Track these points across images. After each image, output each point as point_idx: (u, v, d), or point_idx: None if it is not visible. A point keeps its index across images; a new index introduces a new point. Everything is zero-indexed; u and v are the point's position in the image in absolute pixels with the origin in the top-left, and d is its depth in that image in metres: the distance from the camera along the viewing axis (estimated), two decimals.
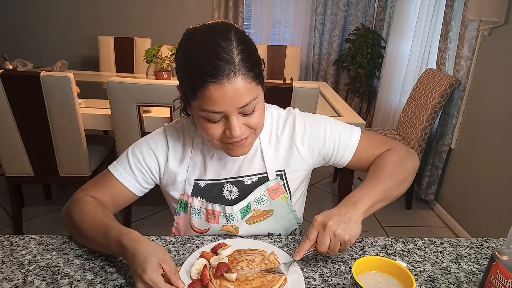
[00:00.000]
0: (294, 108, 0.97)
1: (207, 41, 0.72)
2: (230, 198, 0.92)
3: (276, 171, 0.91)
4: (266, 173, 0.91)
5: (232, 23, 0.77)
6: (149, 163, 0.91)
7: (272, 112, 0.95)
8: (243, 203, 0.90)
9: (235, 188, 0.92)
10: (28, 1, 3.55)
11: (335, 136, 0.91)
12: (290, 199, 0.94)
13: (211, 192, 0.91)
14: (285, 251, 0.82)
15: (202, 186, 0.91)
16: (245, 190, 0.91)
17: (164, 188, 0.96)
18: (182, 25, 3.80)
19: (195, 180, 0.91)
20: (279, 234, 0.96)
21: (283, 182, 0.92)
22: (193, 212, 0.91)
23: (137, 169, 0.90)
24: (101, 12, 3.64)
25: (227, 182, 0.92)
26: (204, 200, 0.91)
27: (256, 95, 0.75)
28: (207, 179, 0.91)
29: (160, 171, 0.92)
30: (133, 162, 0.90)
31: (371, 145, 0.93)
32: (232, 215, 0.90)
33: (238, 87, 0.71)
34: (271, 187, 0.91)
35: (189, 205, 0.92)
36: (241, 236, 0.91)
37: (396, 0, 3.36)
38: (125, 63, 3.23)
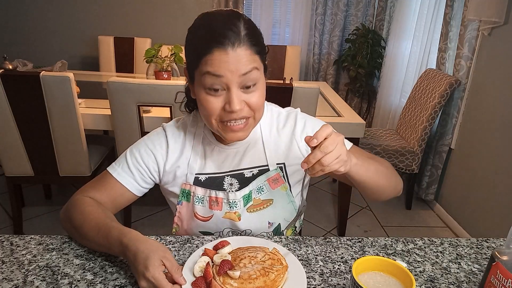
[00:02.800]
0: (295, 108, 1.00)
1: (217, 17, 0.78)
2: (231, 191, 0.93)
3: (277, 164, 0.93)
4: (267, 165, 0.93)
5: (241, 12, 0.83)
6: (147, 162, 0.92)
7: (272, 109, 0.98)
8: (245, 190, 0.92)
9: (236, 181, 0.93)
10: (28, 1, 3.55)
11: None
12: (290, 190, 0.95)
13: (211, 185, 0.92)
14: (286, 249, 0.82)
15: (202, 180, 0.92)
16: (245, 182, 0.93)
17: (163, 186, 0.96)
18: (182, 25, 3.82)
19: (197, 174, 0.92)
20: (279, 224, 0.96)
21: (283, 174, 0.94)
22: (196, 200, 0.92)
23: (136, 169, 0.91)
24: (101, 12, 3.64)
25: (228, 175, 0.93)
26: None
27: (258, 68, 0.79)
28: (207, 172, 0.93)
29: (159, 170, 0.93)
30: (132, 162, 0.91)
31: (361, 156, 0.92)
32: (235, 201, 0.91)
33: (241, 55, 0.75)
34: (272, 177, 0.92)
35: (192, 193, 0.92)
36: (241, 234, 0.91)
37: (396, 0, 3.36)
38: (125, 63, 3.23)
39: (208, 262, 0.75)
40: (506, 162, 2.06)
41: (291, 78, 2.70)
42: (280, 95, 1.77)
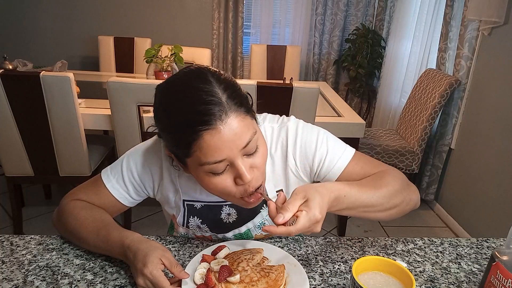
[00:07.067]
0: (288, 117, 0.89)
1: (186, 90, 0.66)
2: (228, 221, 0.88)
3: (276, 191, 0.87)
4: (267, 195, 0.85)
5: (204, 66, 0.72)
6: (143, 178, 0.87)
7: (265, 127, 0.86)
8: (240, 230, 0.87)
9: (234, 211, 0.87)
10: (28, 1, 3.55)
11: (322, 153, 0.83)
12: None
13: (208, 214, 0.88)
14: (285, 251, 0.82)
15: (198, 208, 0.88)
16: (243, 213, 0.87)
17: (160, 202, 0.94)
18: (182, 25, 3.84)
19: (191, 201, 0.87)
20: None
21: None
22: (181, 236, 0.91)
23: (130, 183, 0.86)
24: (101, 12, 3.63)
25: (225, 205, 0.87)
26: (200, 220, 0.88)
27: (255, 130, 0.69)
28: (203, 200, 0.87)
29: (154, 187, 0.89)
30: (127, 176, 0.86)
31: (367, 165, 0.85)
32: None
33: (234, 127, 0.65)
34: None
35: (175, 230, 0.91)
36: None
37: (396, 0, 3.36)
38: (125, 63, 3.23)
39: (209, 268, 0.74)
40: (506, 162, 2.06)
41: (291, 78, 2.70)
42: (280, 95, 1.77)
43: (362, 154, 0.87)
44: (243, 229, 0.87)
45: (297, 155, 0.84)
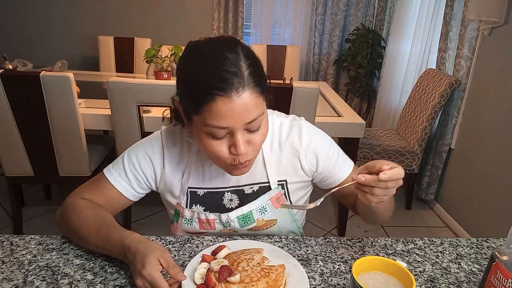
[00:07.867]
0: (299, 116, 0.94)
1: (213, 54, 0.69)
2: (230, 207, 0.90)
3: (278, 181, 0.90)
4: (268, 182, 0.89)
5: (237, 38, 0.76)
6: (144, 169, 0.89)
7: (274, 119, 0.91)
8: (242, 210, 0.89)
9: (236, 197, 0.90)
10: (28, 1, 3.56)
11: (332, 157, 0.91)
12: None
13: (210, 200, 0.90)
14: (285, 251, 0.82)
15: (201, 195, 0.90)
16: (245, 199, 0.90)
17: (161, 194, 0.95)
18: (182, 25, 3.83)
19: (194, 188, 0.89)
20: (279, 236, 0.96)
21: (284, 192, 0.91)
22: (185, 221, 0.91)
23: (132, 175, 0.88)
24: (101, 12, 3.64)
25: (227, 191, 0.90)
26: (203, 207, 0.90)
27: (263, 111, 0.73)
28: (206, 187, 0.90)
29: (156, 177, 0.90)
30: (129, 168, 0.88)
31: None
32: (228, 222, 0.89)
33: (246, 102, 0.69)
34: (274, 196, 0.89)
35: (180, 214, 0.91)
36: (240, 236, 0.90)
37: (396, 0, 3.36)
38: (125, 63, 3.23)
39: (209, 268, 0.74)
40: (506, 162, 2.06)
41: (291, 78, 2.70)
42: (280, 95, 1.77)
43: (356, 167, 0.95)
44: (245, 209, 0.89)
45: (308, 155, 0.89)
